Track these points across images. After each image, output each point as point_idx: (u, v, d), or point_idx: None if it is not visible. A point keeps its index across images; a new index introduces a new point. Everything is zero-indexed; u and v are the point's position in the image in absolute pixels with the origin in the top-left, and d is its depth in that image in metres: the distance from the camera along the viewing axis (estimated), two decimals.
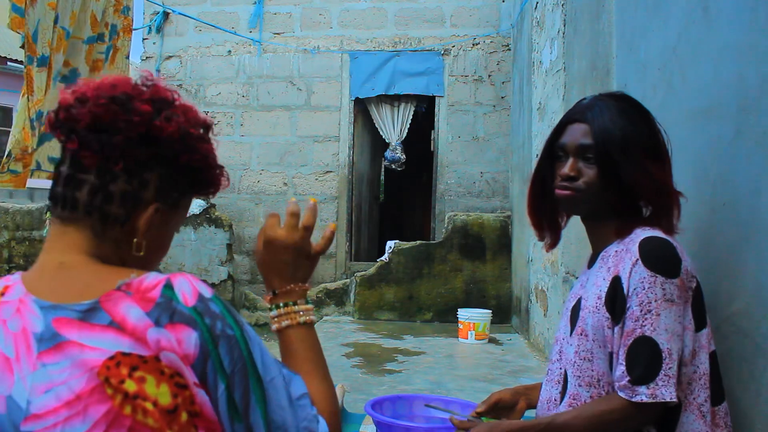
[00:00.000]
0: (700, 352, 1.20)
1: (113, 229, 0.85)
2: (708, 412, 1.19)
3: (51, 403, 0.74)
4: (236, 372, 0.79)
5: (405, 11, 7.39)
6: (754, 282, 1.26)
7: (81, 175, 0.83)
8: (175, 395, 0.75)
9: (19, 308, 0.80)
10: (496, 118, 7.18)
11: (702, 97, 1.56)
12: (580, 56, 3.56)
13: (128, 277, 0.80)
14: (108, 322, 0.76)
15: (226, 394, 0.78)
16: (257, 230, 6.03)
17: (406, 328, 5.97)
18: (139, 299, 0.77)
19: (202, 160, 0.89)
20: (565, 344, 1.35)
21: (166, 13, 7.55)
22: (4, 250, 6.65)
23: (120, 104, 0.82)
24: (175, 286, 0.79)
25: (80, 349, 0.75)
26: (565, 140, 1.32)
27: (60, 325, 0.77)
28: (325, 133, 7.42)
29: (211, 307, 0.79)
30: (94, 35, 3.23)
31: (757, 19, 1.29)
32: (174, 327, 0.76)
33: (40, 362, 0.75)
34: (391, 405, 1.70)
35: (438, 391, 3.59)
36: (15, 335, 0.78)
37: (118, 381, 0.74)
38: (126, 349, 0.75)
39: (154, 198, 0.86)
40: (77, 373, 0.74)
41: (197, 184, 0.92)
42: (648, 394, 1.14)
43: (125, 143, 0.82)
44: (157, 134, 0.83)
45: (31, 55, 2.80)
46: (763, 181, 1.24)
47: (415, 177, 10.48)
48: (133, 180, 0.84)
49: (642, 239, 1.21)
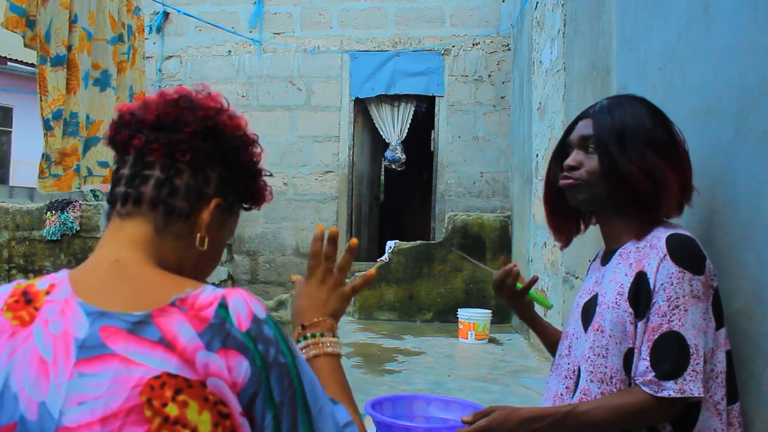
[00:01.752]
0: (718, 350, 1.21)
1: (176, 223, 0.86)
2: (724, 410, 1.20)
3: (85, 417, 0.70)
4: (285, 402, 0.76)
5: (405, 11, 7.39)
6: (754, 282, 1.26)
7: (146, 171, 0.85)
8: (216, 424, 0.72)
9: (63, 309, 0.76)
10: (496, 118, 7.18)
11: (702, 97, 1.56)
12: (580, 56, 3.56)
13: (183, 291, 0.77)
14: (158, 338, 0.73)
15: (273, 423, 0.75)
16: (257, 230, 6.04)
17: (406, 328, 5.97)
18: (192, 317, 0.74)
19: (256, 164, 0.93)
20: (576, 340, 1.35)
21: (167, 13, 7.55)
22: (4, 250, 6.65)
23: (185, 103, 0.86)
24: (230, 306, 0.76)
25: (125, 365, 0.72)
26: (571, 136, 1.38)
27: (107, 335, 0.73)
28: (325, 133, 7.42)
29: (264, 331, 0.76)
30: (116, 36, 3.26)
31: (757, 19, 1.29)
32: (226, 353, 0.73)
33: (77, 371, 0.72)
34: (391, 405, 1.70)
35: (438, 391, 3.59)
36: (55, 338, 0.74)
37: (161, 403, 0.70)
38: (173, 370, 0.72)
39: (215, 194, 0.88)
40: (117, 389, 0.71)
41: (249, 191, 0.95)
42: (676, 389, 1.13)
43: (191, 136, 0.85)
44: (222, 129, 0.87)
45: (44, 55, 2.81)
46: (763, 181, 1.24)
47: (415, 177, 10.48)
48: (197, 174, 0.86)
49: (668, 235, 1.22)
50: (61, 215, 6.45)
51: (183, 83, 7.53)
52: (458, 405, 1.69)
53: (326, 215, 7.38)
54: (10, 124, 14.25)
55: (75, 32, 2.92)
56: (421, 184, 10.44)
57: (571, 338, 1.37)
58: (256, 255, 7.40)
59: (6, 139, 14.39)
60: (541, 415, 1.21)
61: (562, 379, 1.36)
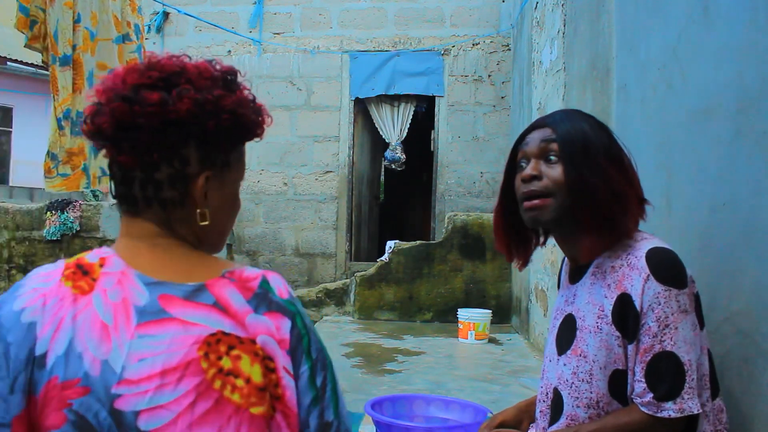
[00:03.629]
0: (702, 353, 1.20)
1: (176, 212, 0.88)
2: (710, 410, 1.20)
3: (145, 370, 0.78)
4: (319, 360, 0.87)
5: (405, 11, 7.39)
6: (754, 282, 1.26)
7: (128, 173, 0.87)
8: (264, 376, 0.81)
9: (120, 280, 0.83)
10: (496, 118, 7.18)
11: (702, 97, 1.56)
12: (580, 56, 3.56)
13: (231, 267, 0.87)
14: (213, 303, 0.82)
15: (309, 373, 0.85)
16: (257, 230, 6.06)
17: (406, 328, 5.97)
18: (240, 287, 0.84)
19: (231, 117, 0.88)
20: (548, 363, 1.33)
21: (166, 13, 7.55)
22: (4, 250, 6.65)
23: (131, 101, 0.84)
24: (271, 282, 0.87)
25: (184, 326, 0.80)
26: (526, 145, 1.29)
27: (166, 301, 0.82)
28: (325, 133, 7.42)
29: (298, 304, 0.88)
30: (120, 35, 3.27)
31: (757, 19, 1.29)
32: (272, 314, 0.84)
33: (138, 333, 0.79)
34: (391, 405, 1.70)
35: (438, 391, 3.59)
36: (114, 305, 0.81)
37: (216, 357, 0.79)
38: (227, 329, 0.81)
39: (200, 169, 0.88)
40: (176, 346, 0.79)
41: (239, 135, 0.93)
42: (676, 410, 1.13)
43: (151, 135, 0.84)
44: (175, 117, 0.85)
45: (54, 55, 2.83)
46: (763, 181, 1.24)
47: (415, 177, 10.47)
48: (173, 161, 0.86)
49: (647, 252, 1.18)
50: (61, 215, 6.44)
51: None
52: (458, 405, 1.69)
53: (326, 215, 7.38)
54: (10, 124, 14.24)
55: (79, 32, 2.93)
56: (421, 184, 10.44)
57: (545, 361, 1.36)
58: (256, 255, 7.40)
59: (6, 139, 14.38)
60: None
61: (539, 403, 1.35)
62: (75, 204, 6.53)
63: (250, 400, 0.80)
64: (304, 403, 0.84)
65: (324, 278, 7.24)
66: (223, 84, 0.90)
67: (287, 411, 0.83)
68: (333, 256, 7.31)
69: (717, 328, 1.38)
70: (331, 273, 7.29)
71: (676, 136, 1.74)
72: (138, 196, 0.87)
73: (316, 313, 6.68)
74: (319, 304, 6.74)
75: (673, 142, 1.76)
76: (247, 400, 0.79)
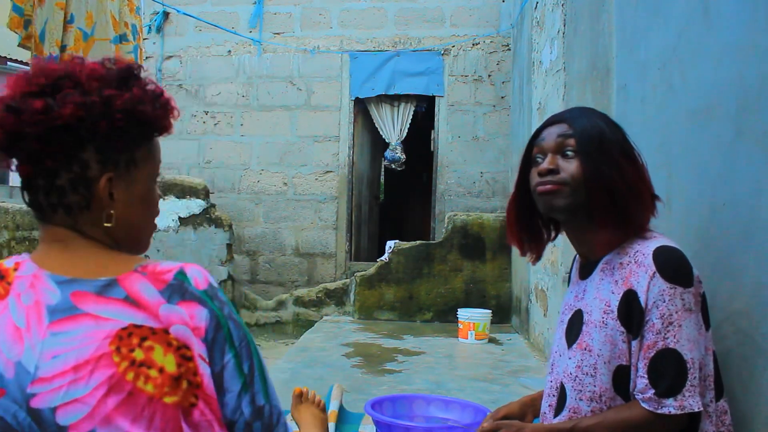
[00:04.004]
0: (707, 354, 1.21)
1: (83, 215, 0.88)
2: (713, 411, 1.20)
3: (58, 367, 0.78)
4: (243, 347, 0.86)
5: (405, 11, 7.39)
6: (754, 282, 1.26)
7: (31, 182, 0.87)
8: (179, 365, 0.81)
9: (32, 283, 0.84)
10: (496, 118, 7.18)
11: (702, 97, 1.56)
12: (580, 56, 3.56)
13: (144, 261, 0.87)
14: (123, 297, 0.82)
15: (234, 361, 0.85)
16: (257, 230, 6.08)
17: (406, 328, 5.97)
18: (153, 279, 0.84)
19: (126, 116, 0.86)
20: (558, 357, 1.35)
21: (166, 13, 7.55)
22: (4, 250, 6.65)
23: (17, 111, 0.83)
24: (188, 273, 0.86)
25: (95, 321, 0.80)
26: (543, 140, 1.31)
27: (77, 298, 0.82)
28: (325, 133, 7.41)
29: (219, 294, 0.87)
30: (118, 35, 3.27)
31: (757, 19, 1.29)
32: (186, 303, 0.83)
33: (50, 331, 0.80)
34: (391, 405, 1.70)
35: (438, 391, 3.59)
36: (27, 308, 0.82)
37: (128, 350, 0.79)
38: (138, 322, 0.81)
39: (101, 170, 0.86)
40: (88, 341, 0.79)
41: (140, 133, 0.91)
42: (676, 406, 1.14)
43: (41, 143, 0.83)
44: (61, 122, 0.83)
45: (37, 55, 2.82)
46: (763, 181, 1.24)
47: (415, 177, 10.47)
48: (72, 166, 0.85)
49: (654, 250, 1.20)
50: None
51: (183, 83, 7.54)
52: (458, 405, 1.69)
53: (326, 215, 7.38)
54: None
55: (70, 32, 2.92)
56: (421, 184, 10.44)
57: (554, 356, 1.37)
58: (255, 255, 7.40)
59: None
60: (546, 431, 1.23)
61: (546, 398, 1.36)
62: None
63: (163, 390, 0.80)
64: (233, 390, 0.85)
65: (324, 278, 7.23)
66: (117, 83, 0.87)
67: (208, 398, 0.83)
68: (333, 256, 7.31)
69: (717, 328, 1.38)
70: (331, 273, 7.29)
71: (676, 136, 1.74)
72: (43, 203, 0.87)
73: (316, 313, 6.68)
74: (319, 304, 6.74)
75: (673, 142, 1.76)
76: (161, 390, 0.80)
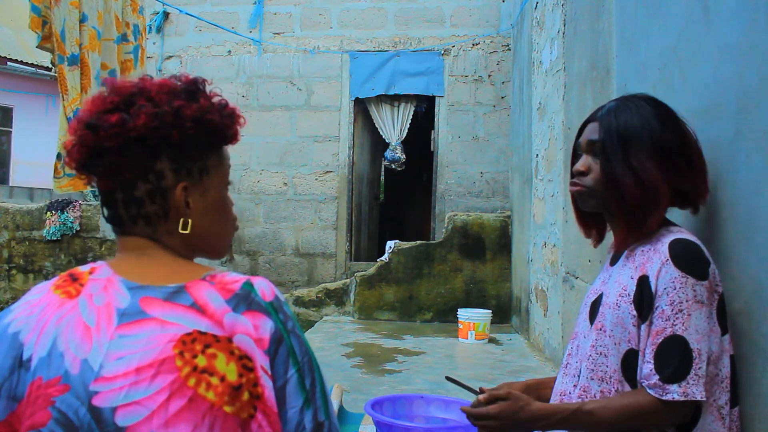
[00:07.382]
0: (723, 355, 1.21)
1: (161, 225, 0.91)
2: (727, 414, 1.20)
3: (121, 368, 0.80)
4: (305, 363, 0.87)
5: (405, 11, 7.39)
6: (754, 282, 1.26)
7: (110, 195, 0.91)
8: (241, 375, 0.82)
9: (106, 286, 0.87)
10: (496, 118, 7.18)
11: (702, 97, 1.56)
12: (580, 56, 3.56)
13: (213, 270, 0.89)
14: (190, 304, 0.84)
15: (297, 377, 0.85)
16: (257, 230, 6.08)
17: (406, 328, 5.97)
18: (220, 288, 0.86)
19: (196, 125, 0.90)
20: (583, 339, 1.36)
21: (167, 12, 7.55)
22: (4, 250, 6.64)
23: (95, 128, 0.87)
24: (255, 284, 0.88)
25: (161, 325, 0.82)
26: (582, 138, 1.39)
27: (146, 303, 0.84)
28: (325, 133, 7.41)
29: (284, 308, 0.88)
30: (119, 35, 3.28)
31: (757, 19, 1.29)
32: (251, 314, 0.84)
33: (117, 333, 0.82)
34: (391, 405, 1.70)
35: (438, 391, 3.58)
36: (98, 308, 0.85)
37: (191, 355, 0.81)
38: (203, 329, 0.82)
39: (176, 180, 0.90)
40: (152, 344, 0.81)
41: (210, 142, 0.94)
42: (680, 393, 1.14)
43: (118, 156, 0.87)
44: (136, 134, 0.87)
45: (61, 54, 2.84)
46: (763, 181, 1.24)
47: (415, 177, 10.47)
48: (148, 177, 0.89)
49: (672, 240, 1.23)
50: (61, 215, 6.44)
51: None
52: (458, 405, 1.69)
53: (326, 215, 7.38)
54: (10, 124, 14.24)
55: (85, 31, 2.95)
56: (421, 184, 10.44)
57: (579, 337, 1.39)
58: (256, 255, 7.40)
59: (6, 139, 14.38)
60: (550, 412, 1.24)
61: (571, 378, 1.36)
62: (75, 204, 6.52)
63: (224, 398, 0.81)
64: (296, 405, 0.85)
65: (324, 278, 7.23)
66: (185, 95, 0.91)
67: (267, 410, 0.83)
68: (333, 256, 7.31)
69: None
70: (331, 273, 7.29)
71: None
72: (124, 216, 0.91)
73: (316, 313, 6.68)
74: (319, 304, 6.74)
75: None
76: (221, 399, 0.80)
